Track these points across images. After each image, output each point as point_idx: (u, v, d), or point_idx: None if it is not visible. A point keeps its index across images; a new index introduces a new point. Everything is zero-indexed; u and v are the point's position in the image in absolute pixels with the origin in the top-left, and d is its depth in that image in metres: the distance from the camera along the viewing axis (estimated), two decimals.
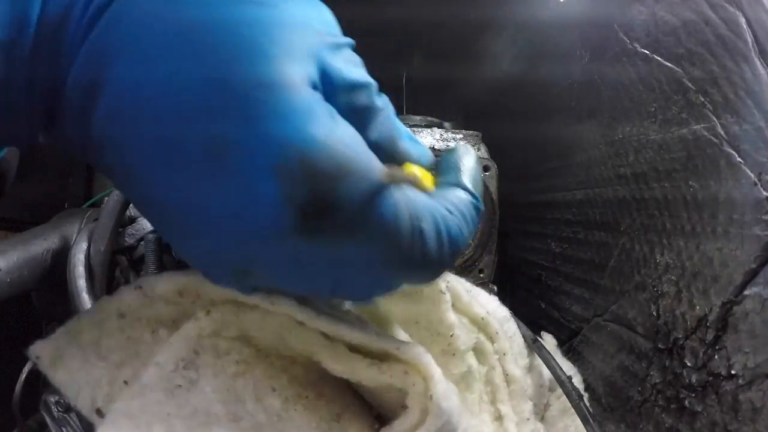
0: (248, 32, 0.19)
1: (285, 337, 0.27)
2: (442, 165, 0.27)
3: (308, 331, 0.26)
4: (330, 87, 0.21)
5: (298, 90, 0.19)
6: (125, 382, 0.25)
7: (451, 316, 0.36)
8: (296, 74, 0.20)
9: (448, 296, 0.36)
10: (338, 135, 0.20)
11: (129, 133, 0.20)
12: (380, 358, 0.27)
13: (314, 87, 0.20)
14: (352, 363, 0.26)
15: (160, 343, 0.27)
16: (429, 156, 0.27)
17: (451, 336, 0.36)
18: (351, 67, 0.22)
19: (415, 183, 0.22)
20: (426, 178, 0.25)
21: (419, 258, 0.22)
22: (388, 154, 0.24)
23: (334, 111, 0.20)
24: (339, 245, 0.20)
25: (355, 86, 0.22)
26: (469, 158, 0.27)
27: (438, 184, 0.26)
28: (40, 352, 0.25)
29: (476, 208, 0.26)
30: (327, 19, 0.23)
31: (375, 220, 0.20)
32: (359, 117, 0.23)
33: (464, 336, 0.38)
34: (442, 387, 0.26)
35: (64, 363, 0.25)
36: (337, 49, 0.22)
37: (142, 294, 0.27)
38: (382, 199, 0.20)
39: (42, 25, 0.20)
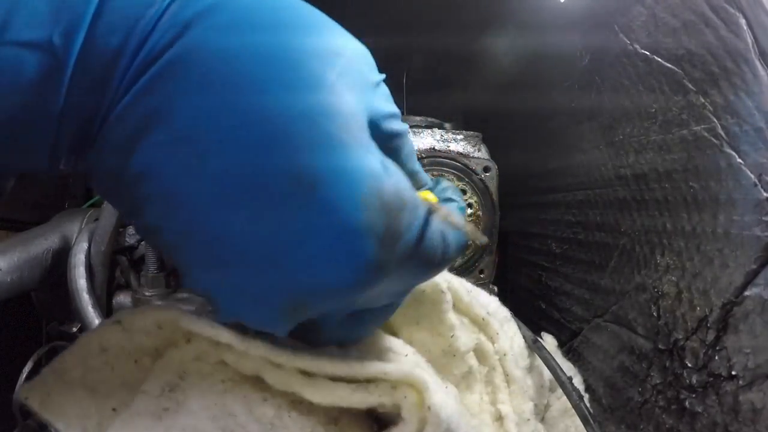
0: (317, 66, 0.21)
1: (263, 377, 0.26)
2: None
3: (286, 371, 0.26)
4: (374, 122, 0.23)
5: (364, 131, 0.22)
6: (114, 410, 0.26)
7: (452, 317, 0.36)
8: (360, 113, 0.22)
9: (448, 296, 0.36)
10: (395, 171, 0.22)
11: (195, 164, 0.20)
12: (366, 380, 0.27)
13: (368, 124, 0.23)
14: (337, 392, 0.26)
15: (144, 372, 0.27)
16: (429, 179, 0.32)
17: (452, 337, 0.36)
18: (386, 103, 0.25)
19: (438, 208, 0.25)
20: (434, 199, 0.29)
21: (442, 262, 0.25)
22: (407, 169, 0.27)
23: (379, 150, 0.23)
24: (396, 270, 0.22)
25: (390, 118, 0.25)
26: (446, 182, 0.33)
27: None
28: (29, 393, 0.25)
29: (462, 209, 0.31)
30: (368, 57, 0.25)
31: (424, 244, 0.23)
32: (393, 138, 0.25)
33: (465, 337, 0.38)
34: (439, 396, 0.26)
35: (53, 400, 0.25)
36: (377, 86, 0.24)
37: (122, 328, 0.27)
38: (428, 225, 0.23)
39: (86, 56, 0.19)
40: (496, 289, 0.57)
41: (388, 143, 0.25)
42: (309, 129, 0.20)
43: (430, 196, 0.28)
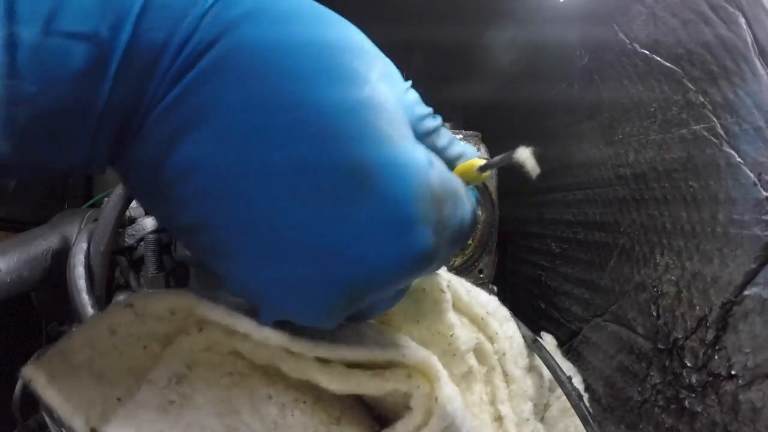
0: (360, 65, 0.21)
1: (279, 366, 0.26)
2: None
3: (302, 359, 0.26)
4: (411, 123, 0.24)
5: (408, 127, 0.23)
6: (118, 399, 0.25)
7: (451, 316, 0.36)
8: (401, 110, 0.23)
9: (448, 296, 0.36)
10: (438, 163, 0.23)
11: (246, 158, 0.20)
12: (382, 366, 0.27)
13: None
14: (353, 379, 0.26)
15: (152, 358, 0.27)
16: (473, 150, 0.32)
17: (451, 336, 0.36)
18: (419, 105, 0.26)
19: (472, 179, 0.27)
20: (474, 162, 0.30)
21: (469, 236, 0.28)
22: (450, 156, 0.28)
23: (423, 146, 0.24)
24: (441, 254, 0.23)
25: (427, 116, 0.26)
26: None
27: None
28: (33, 374, 0.25)
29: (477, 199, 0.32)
30: (396, 69, 0.26)
31: (461, 227, 0.25)
32: (430, 135, 0.26)
33: (465, 336, 0.38)
34: (448, 389, 0.26)
35: (57, 384, 0.25)
36: (408, 91, 0.25)
37: (133, 312, 0.27)
38: (465, 207, 0.25)
39: (131, 50, 0.19)
40: (495, 288, 0.56)
41: (426, 141, 0.26)
42: (358, 123, 0.20)
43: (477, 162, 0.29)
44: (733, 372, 0.30)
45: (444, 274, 0.42)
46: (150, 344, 0.27)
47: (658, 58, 0.37)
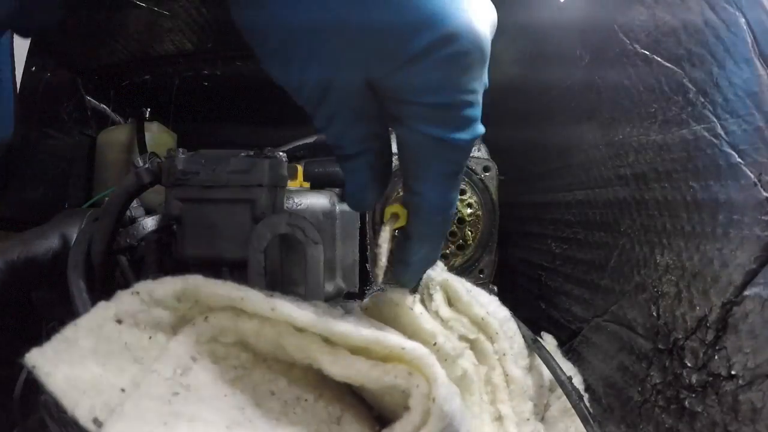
0: None
1: (284, 346, 0.26)
2: None
3: (308, 338, 0.26)
4: None
5: None
6: (123, 390, 0.25)
7: (427, 325, 0.35)
8: None
9: (417, 309, 0.35)
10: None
11: None
12: (383, 359, 0.27)
13: None
14: (356, 365, 0.26)
15: (158, 349, 0.27)
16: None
17: (434, 345, 0.35)
18: None
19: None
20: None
21: None
22: None
23: None
24: None
25: None
26: None
27: None
28: (37, 360, 0.25)
29: None
30: None
31: None
32: None
33: (452, 341, 0.37)
34: (445, 389, 0.26)
35: (61, 371, 0.24)
36: None
37: (140, 299, 0.26)
38: None
39: None
40: (496, 288, 0.57)
41: None
42: None
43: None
44: (733, 372, 0.30)
45: (443, 274, 0.42)
46: (156, 334, 0.27)
47: (659, 59, 0.37)
